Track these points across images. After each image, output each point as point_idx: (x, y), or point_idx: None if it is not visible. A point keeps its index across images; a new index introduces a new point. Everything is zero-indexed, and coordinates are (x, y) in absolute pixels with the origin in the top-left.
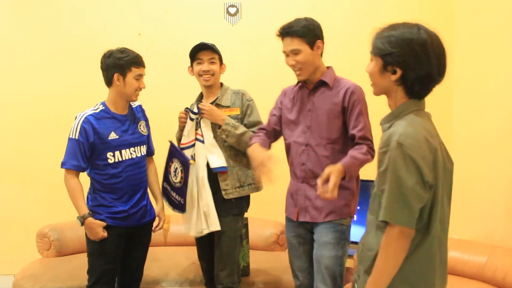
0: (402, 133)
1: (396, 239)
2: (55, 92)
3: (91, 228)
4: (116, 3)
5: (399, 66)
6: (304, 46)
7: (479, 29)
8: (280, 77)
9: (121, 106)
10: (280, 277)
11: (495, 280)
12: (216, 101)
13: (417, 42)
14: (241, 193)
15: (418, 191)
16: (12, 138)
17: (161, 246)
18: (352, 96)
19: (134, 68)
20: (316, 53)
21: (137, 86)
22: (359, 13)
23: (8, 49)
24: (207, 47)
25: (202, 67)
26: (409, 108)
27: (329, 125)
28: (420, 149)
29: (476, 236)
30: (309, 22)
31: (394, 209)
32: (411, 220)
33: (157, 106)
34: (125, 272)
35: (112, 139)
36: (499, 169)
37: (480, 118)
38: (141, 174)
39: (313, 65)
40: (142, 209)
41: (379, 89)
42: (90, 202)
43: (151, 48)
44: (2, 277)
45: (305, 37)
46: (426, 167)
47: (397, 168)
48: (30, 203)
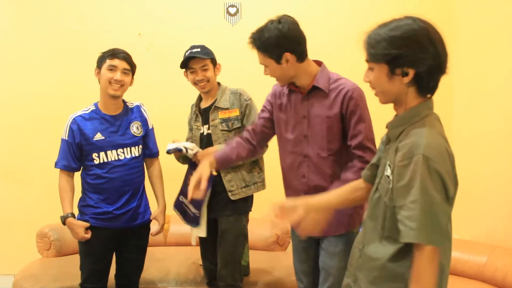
0: (427, 145)
1: (431, 260)
2: (55, 92)
3: (71, 229)
4: (116, 3)
5: (411, 65)
6: (269, 61)
7: (480, 28)
8: None
9: (110, 105)
10: (280, 277)
11: (495, 280)
12: (215, 103)
13: (420, 34)
14: (247, 192)
15: (446, 208)
16: (12, 138)
17: (161, 246)
18: (351, 101)
19: (108, 60)
20: (286, 66)
21: (110, 77)
22: (357, 13)
23: (8, 49)
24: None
25: (195, 77)
26: (420, 112)
27: (329, 135)
28: (445, 162)
29: (476, 236)
30: (272, 34)
31: (427, 229)
32: (443, 239)
33: (156, 106)
34: (120, 275)
35: (97, 140)
36: (499, 169)
37: (480, 118)
38: (131, 176)
39: (287, 76)
40: (131, 211)
41: (388, 97)
42: (80, 202)
43: (151, 48)
44: (2, 277)
45: (268, 52)
46: (450, 181)
47: (426, 185)
48: (30, 203)
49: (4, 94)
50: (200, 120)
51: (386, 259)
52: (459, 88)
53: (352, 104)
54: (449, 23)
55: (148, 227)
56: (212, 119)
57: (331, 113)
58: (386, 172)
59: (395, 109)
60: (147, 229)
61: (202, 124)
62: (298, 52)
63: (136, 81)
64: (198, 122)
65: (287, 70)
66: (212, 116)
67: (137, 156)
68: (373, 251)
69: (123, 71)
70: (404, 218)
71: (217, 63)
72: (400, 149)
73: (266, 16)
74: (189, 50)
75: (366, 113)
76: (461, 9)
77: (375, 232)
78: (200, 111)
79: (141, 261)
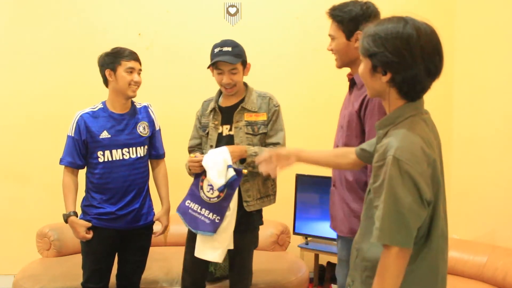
0: (399, 146)
1: (395, 260)
2: (55, 92)
3: (73, 227)
4: (116, 3)
5: (386, 67)
6: (340, 33)
7: (480, 29)
8: (280, 77)
9: (120, 104)
10: (280, 277)
11: (495, 280)
12: (242, 104)
13: (401, 38)
14: (261, 205)
15: (416, 210)
16: (12, 138)
17: (161, 246)
18: (369, 104)
19: (124, 62)
20: (353, 44)
21: (130, 80)
22: None
23: (8, 49)
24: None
25: (223, 79)
26: (405, 113)
27: (349, 130)
28: (418, 164)
29: (476, 236)
30: (355, 8)
31: (392, 230)
32: (409, 241)
33: (156, 106)
34: (121, 275)
35: (103, 138)
36: (499, 169)
37: (480, 118)
38: (135, 176)
39: (349, 56)
40: (134, 212)
41: (372, 91)
42: (83, 201)
43: (151, 48)
44: (2, 277)
45: (342, 24)
46: (424, 183)
47: (394, 186)
48: (30, 203)
49: (4, 94)
50: (219, 118)
51: (378, 259)
52: (459, 88)
53: (368, 107)
54: (449, 23)
55: (151, 229)
56: (237, 120)
57: (353, 109)
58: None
59: (384, 106)
60: (150, 230)
61: (221, 124)
62: None
63: None
64: (216, 120)
65: (352, 49)
66: (237, 117)
67: (142, 157)
68: (366, 251)
69: (139, 72)
70: (375, 218)
71: (247, 63)
72: (377, 150)
73: (266, 16)
74: (219, 47)
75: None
76: (461, 9)
77: (369, 232)
78: (221, 109)
79: (143, 262)
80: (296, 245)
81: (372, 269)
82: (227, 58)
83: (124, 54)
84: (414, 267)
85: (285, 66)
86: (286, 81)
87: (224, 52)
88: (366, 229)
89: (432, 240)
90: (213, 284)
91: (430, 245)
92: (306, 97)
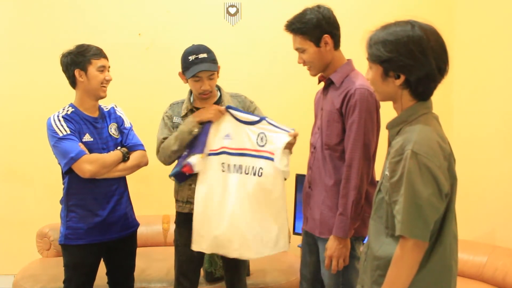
0: (416, 141)
1: (411, 251)
2: (55, 92)
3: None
4: (116, 3)
5: (400, 70)
6: (308, 44)
7: (480, 28)
8: (280, 77)
9: (90, 106)
10: (280, 277)
11: (495, 280)
12: (219, 105)
13: (413, 41)
14: None
15: (434, 203)
16: (12, 138)
17: (161, 246)
18: (351, 99)
19: (94, 60)
20: (324, 49)
21: (102, 79)
22: (357, 13)
23: (9, 49)
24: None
25: (201, 86)
26: (417, 111)
27: (329, 129)
28: (435, 157)
29: (476, 236)
30: (313, 15)
31: (410, 222)
32: (425, 233)
33: (156, 106)
34: (115, 283)
35: (85, 142)
36: (499, 169)
37: (480, 118)
38: (115, 180)
39: (324, 61)
40: (121, 219)
41: (383, 96)
42: (65, 218)
43: (151, 48)
44: (2, 277)
45: (308, 34)
46: (442, 176)
47: (413, 179)
48: (30, 203)
49: (5, 94)
50: None
51: (391, 257)
52: (459, 88)
53: (351, 103)
54: (448, 23)
55: (136, 233)
56: None
57: (333, 106)
58: (386, 171)
59: (395, 108)
60: (135, 234)
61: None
62: (336, 37)
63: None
64: None
65: (325, 54)
66: None
67: None
68: (377, 250)
69: (108, 69)
70: (395, 212)
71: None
72: (393, 146)
73: (266, 16)
74: (194, 55)
75: (365, 117)
76: (460, 8)
77: (379, 232)
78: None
79: (134, 266)
80: (296, 245)
81: (385, 267)
82: (207, 66)
83: (93, 51)
84: (425, 263)
85: (284, 66)
86: (286, 81)
87: (201, 59)
88: (376, 229)
89: (443, 236)
90: (213, 284)
91: (441, 241)
92: (306, 97)
